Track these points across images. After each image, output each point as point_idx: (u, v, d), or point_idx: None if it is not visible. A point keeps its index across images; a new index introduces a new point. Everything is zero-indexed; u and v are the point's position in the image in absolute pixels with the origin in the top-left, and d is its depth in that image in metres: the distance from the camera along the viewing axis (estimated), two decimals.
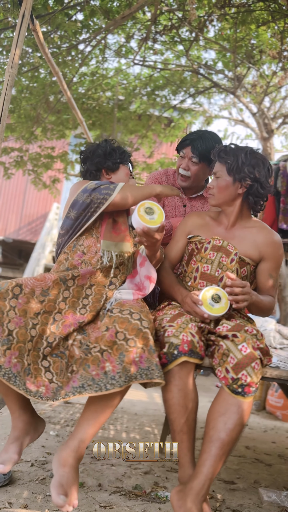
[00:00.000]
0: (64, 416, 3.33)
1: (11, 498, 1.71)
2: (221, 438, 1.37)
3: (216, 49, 4.97)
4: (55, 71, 2.68)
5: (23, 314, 1.44)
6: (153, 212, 1.58)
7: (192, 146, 2.06)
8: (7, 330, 1.40)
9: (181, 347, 1.42)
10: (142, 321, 1.42)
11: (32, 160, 5.83)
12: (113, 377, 1.36)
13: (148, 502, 1.82)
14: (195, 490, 1.34)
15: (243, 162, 1.69)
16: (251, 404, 1.42)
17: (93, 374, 1.38)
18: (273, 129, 6.00)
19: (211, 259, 1.69)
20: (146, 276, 1.66)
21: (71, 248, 1.74)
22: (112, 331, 1.41)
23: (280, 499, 1.96)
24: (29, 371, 1.42)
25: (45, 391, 1.41)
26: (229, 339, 1.48)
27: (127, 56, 5.13)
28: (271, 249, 1.75)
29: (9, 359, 1.39)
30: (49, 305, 1.51)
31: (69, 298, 1.57)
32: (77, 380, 1.39)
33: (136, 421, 3.55)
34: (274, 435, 3.80)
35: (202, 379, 7.14)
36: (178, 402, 1.41)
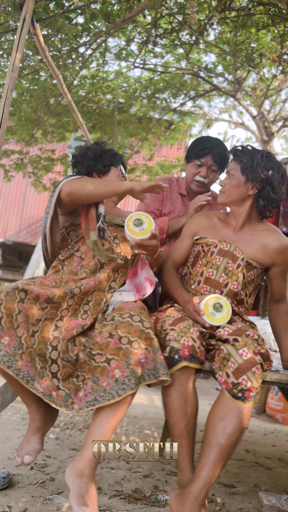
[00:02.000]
0: (64, 419, 3.33)
1: (10, 502, 1.71)
2: (220, 443, 1.37)
3: (216, 53, 4.99)
4: (56, 74, 2.68)
5: (25, 319, 1.44)
6: (142, 222, 1.58)
7: (213, 154, 2.11)
8: (18, 337, 1.41)
9: (182, 352, 1.42)
10: (143, 322, 1.42)
11: (32, 162, 5.84)
12: (123, 382, 1.36)
13: (148, 506, 1.81)
14: (194, 494, 1.34)
15: (258, 163, 1.68)
16: (250, 409, 1.42)
17: (104, 385, 1.38)
18: (273, 132, 6.01)
19: (217, 264, 1.67)
20: (146, 278, 1.67)
21: (66, 255, 1.73)
22: (116, 338, 1.41)
23: (280, 503, 1.96)
24: (43, 374, 1.43)
25: (56, 398, 1.41)
26: (230, 343, 1.48)
27: (127, 59, 5.14)
28: (283, 255, 1.75)
29: (26, 362, 1.40)
30: (51, 312, 1.51)
31: (72, 305, 1.57)
32: (89, 394, 1.39)
33: (135, 424, 3.55)
34: (274, 438, 3.79)
35: (202, 382, 7.13)
36: (178, 407, 1.40)
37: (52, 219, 1.68)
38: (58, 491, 1.88)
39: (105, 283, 1.67)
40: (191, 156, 2.17)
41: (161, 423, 3.56)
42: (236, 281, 1.66)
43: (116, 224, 1.83)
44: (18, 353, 1.39)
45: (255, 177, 1.69)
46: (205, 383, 7.18)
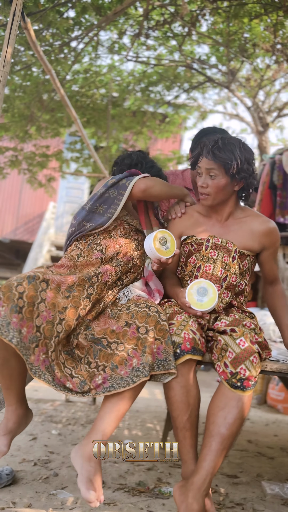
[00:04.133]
0: (66, 415, 3.33)
1: (14, 498, 1.71)
2: (221, 433, 1.37)
3: (209, 44, 4.95)
4: (48, 69, 2.66)
5: (52, 307, 1.44)
6: (166, 241, 1.65)
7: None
8: (35, 326, 1.40)
9: (184, 346, 1.42)
10: (160, 314, 1.47)
11: (27, 159, 5.80)
12: (138, 369, 1.39)
13: (152, 498, 1.82)
14: (197, 485, 1.35)
15: (241, 160, 1.62)
16: (250, 398, 1.42)
17: (122, 373, 1.41)
18: (268, 122, 5.99)
19: (213, 258, 1.66)
20: (156, 290, 1.72)
21: (86, 245, 1.72)
22: (133, 327, 1.45)
23: (283, 492, 1.97)
24: (54, 367, 1.44)
25: (72, 386, 1.43)
26: (227, 334, 1.48)
27: (120, 53, 5.10)
28: (270, 238, 1.75)
29: (37, 357, 1.40)
30: (74, 301, 1.52)
31: (93, 295, 1.59)
32: (107, 381, 1.42)
33: (138, 418, 3.56)
34: (275, 428, 3.81)
35: (203, 375, 7.16)
36: (181, 399, 1.40)
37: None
38: (62, 486, 1.89)
39: (115, 276, 1.67)
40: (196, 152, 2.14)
41: (163, 417, 3.57)
42: (234, 273, 1.65)
43: (140, 230, 1.85)
44: (31, 347, 1.39)
45: (243, 176, 1.65)
46: (206, 375, 7.20)
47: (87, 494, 1.31)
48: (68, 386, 1.42)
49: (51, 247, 8.99)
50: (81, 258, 1.70)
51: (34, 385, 5.20)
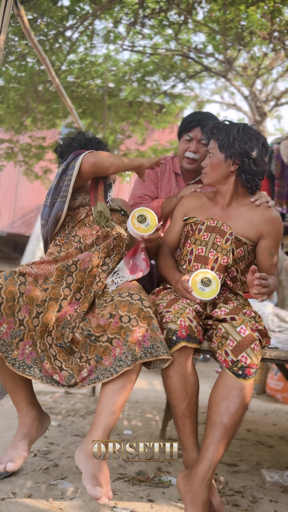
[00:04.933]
0: (66, 407, 3.34)
1: (14, 488, 1.71)
2: (224, 422, 1.37)
3: (206, 32, 4.90)
4: (42, 58, 2.62)
5: (29, 301, 1.44)
6: (145, 218, 1.65)
7: (201, 126, 2.00)
8: (18, 321, 1.40)
9: (179, 333, 1.41)
10: (143, 301, 1.45)
11: (23, 151, 5.75)
12: (120, 359, 1.38)
13: (152, 487, 1.82)
14: (201, 475, 1.35)
15: (235, 138, 1.65)
16: (252, 386, 1.42)
17: (106, 364, 1.41)
18: (265, 112, 5.95)
19: (205, 240, 1.66)
20: (143, 259, 1.72)
21: (64, 240, 1.72)
22: (117, 317, 1.44)
23: (283, 479, 1.98)
24: (44, 357, 1.43)
25: (59, 379, 1.43)
26: (228, 322, 1.47)
27: (115, 42, 5.05)
28: (269, 226, 1.70)
29: (22, 351, 1.39)
30: (53, 292, 1.51)
31: (73, 283, 1.57)
32: (93, 373, 1.42)
33: (137, 409, 3.57)
34: (275, 417, 3.83)
35: (201, 365, 7.19)
36: (179, 387, 1.40)
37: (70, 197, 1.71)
38: (62, 476, 1.89)
39: (100, 260, 1.66)
40: (181, 131, 2.11)
41: (162, 407, 3.59)
42: (226, 255, 1.64)
43: (113, 208, 1.85)
44: (14, 342, 1.38)
45: (233, 152, 1.66)
46: (204, 366, 7.23)
47: (93, 490, 1.29)
48: (55, 378, 1.42)
49: None
50: (62, 253, 1.69)
51: None
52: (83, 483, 1.31)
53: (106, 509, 1.58)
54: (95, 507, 1.59)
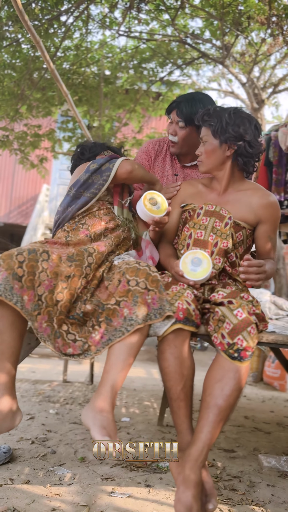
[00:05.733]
0: (64, 395, 3.34)
1: (12, 475, 1.71)
2: (218, 404, 1.36)
3: (203, 17, 4.82)
4: (36, 41, 2.57)
5: (54, 276, 1.45)
6: (157, 201, 1.69)
7: (177, 109, 1.98)
8: (37, 295, 1.42)
9: (176, 315, 1.41)
10: (150, 267, 1.49)
11: (18, 139, 5.69)
12: (130, 318, 1.41)
13: (150, 473, 1.83)
14: (194, 456, 1.34)
15: (227, 123, 1.64)
16: (247, 369, 1.41)
17: (115, 325, 1.43)
18: (263, 99, 5.89)
19: (204, 224, 1.66)
20: (149, 257, 1.75)
21: (72, 227, 1.77)
22: (124, 281, 1.47)
23: (280, 464, 1.99)
24: (59, 334, 1.44)
25: (73, 351, 1.44)
26: (225, 306, 1.46)
27: (111, 27, 4.96)
28: (268, 211, 1.71)
29: (40, 324, 1.41)
30: (77, 270, 1.53)
31: (93, 264, 1.60)
32: (104, 335, 1.44)
33: (135, 396, 3.58)
34: (272, 404, 3.85)
35: (199, 354, 7.22)
36: (175, 370, 1.39)
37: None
38: (60, 463, 1.89)
39: (110, 248, 1.70)
40: (166, 112, 2.09)
41: (160, 395, 3.60)
42: (226, 239, 1.64)
43: None
44: (33, 314, 1.40)
45: (228, 137, 1.65)
46: (202, 355, 7.26)
47: (102, 439, 1.26)
48: (69, 352, 1.43)
49: (46, 230, 8.93)
50: (69, 238, 1.73)
51: (32, 366, 5.22)
52: (92, 434, 1.29)
53: (103, 493, 1.59)
54: (93, 492, 1.60)
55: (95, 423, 1.29)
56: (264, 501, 1.65)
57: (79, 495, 1.57)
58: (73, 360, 1.46)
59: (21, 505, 1.45)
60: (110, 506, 1.48)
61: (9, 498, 1.50)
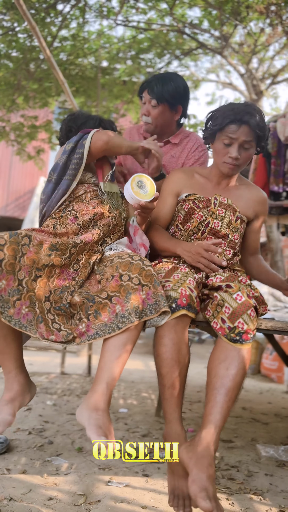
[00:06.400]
0: (61, 387, 3.34)
1: (9, 465, 1.70)
2: (225, 384, 1.33)
3: (201, 6, 4.77)
4: (32, 26, 2.52)
5: (30, 263, 1.41)
6: (144, 184, 1.63)
7: (148, 88, 1.96)
8: (17, 280, 1.37)
9: (180, 301, 1.39)
10: (143, 261, 1.43)
11: (15, 130, 5.64)
12: (122, 315, 1.37)
13: (147, 463, 1.82)
14: (206, 439, 1.28)
15: (264, 131, 1.64)
16: (250, 351, 1.39)
17: (105, 320, 1.39)
18: (262, 90, 5.85)
19: (221, 215, 1.69)
20: (140, 244, 1.70)
21: (60, 214, 1.71)
22: (117, 276, 1.42)
23: (278, 454, 1.98)
24: (41, 319, 1.40)
25: (56, 338, 1.40)
26: (223, 290, 1.44)
27: (109, 17, 4.90)
28: (263, 206, 1.79)
29: (18, 310, 1.36)
30: (56, 260, 1.50)
31: (74, 254, 1.57)
32: (91, 329, 1.40)
33: (133, 388, 3.57)
34: (270, 396, 3.85)
35: (197, 347, 7.22)
36: (171, 357, 1.37)
37: None
38: (57, 453, 1.88)
39: (100, 238, 1.65)
40: (138, 93, 2.07)
41: (157, 386, 3.59)
42: (236, 232, 1.69)
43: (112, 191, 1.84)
44: (11, 300, 1.36)
45: (263, 147, 1.71)
46: (200, 348, 7.26)
47: (98, 439, 1.22)
48: (51, 338, 1.40)
49: None
50: (58, 226, 1.67)
51: (29, 359, 5.21)
52: (88, 434, 1.25)
53: (101, 483, 1.58)
54: (90, 481, 1.59)
55: (90, 422, 1.26)
56: (262, 490, 1.65)
57: (76, 484, 1.56)
58: (54, 344, 1.41)
59: (17, 495, 1.44)
60: (107, 495, 1.47)
61: (6, 488, 1.48)
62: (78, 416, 1.31)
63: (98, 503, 1.43)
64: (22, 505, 1.38)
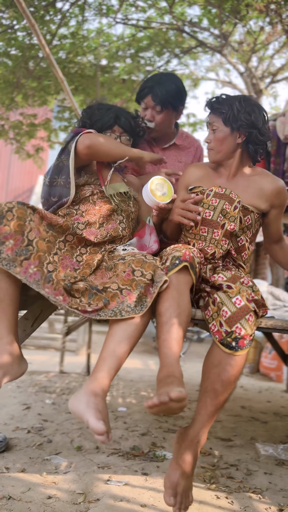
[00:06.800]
0: (60, 386, 3.33)
1: (8, 463, 1.70)
2: (215, 389, 1.37)
3: (201, 4, 4.76)
4: (31, 24, 2.52)
5: (37, 230, 1.43)
6: (163, 187, 1.68)
7: (152, 94, 1.93)
8: (26, 240, 1.37)
9: (183, 257, 1.41)
10: (157, 260, 1.45)
11: (14, 128, 5.62)
12: (129, 305, 1.37)
13: (146, 461, 1.82)
14: (189, 436, 1.37)
15: (239, 110, 1.64)
16: (244, 356, 1.39)
17: (111, 307, 1.39)
18: (261, 89, 5.84)
19: (214, 205, 1.66)
20: (155, 241, 1.73)
21: (65, 212, 1.68)
22: (129, 270, 1.42)
23: (277, 452, 1.98)
24: (51, 278, 1.39)
25: (63, 300, 1.39)
26: (223, 291, 1.44)
27: (108, 15, 4.89)
28: (280, 196, 1.74)
29: (25, 269, 1.35)
30: (52, 237, 1.50)
31: (70, 242, 1.58)
32: (97, 310, 1.39)
33: (132, 387, 3.57)
34: (269, 395, 3.85)
35: (196, 346, 7.22)
36: (170, 305, 1.36)
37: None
38: (56, 452, 1.88)
39: (99, 239, 1.63)
40: (137, 98, 2.04)
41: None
42: (233, 222, 1.64)
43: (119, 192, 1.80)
44: (18, 259, 1.35)
45: (240, 125, 1.65)
46: (199, 346, 7.27)
47: (96, 424, 1.19)
48: (58, 299, 1.38)
49: None
50: (67, 222, 1.64)
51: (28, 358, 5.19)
52: (86, 418, 1.22)
53: (100, 481, 1.57)
54: (89, 480, 1.58)
55: (90, 405, 1.24)
56: (262, 488, 1.65)
57: (75, 483, 1.56)
58: (61, 306, 1.38)
59: (17, 493, 1.44)
60: (106, 494, 1.47)
61: (5, 486, 1.48)
62: (72, 403, 1.26)
63: (97, 502, 1.43)
64: (21, 503, 1.38)
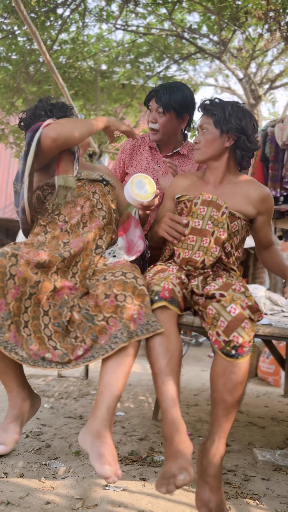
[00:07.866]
0: (58, 390, 3.33)
1: (6, 468, 1.70)
2: (224, 399, 1.39)
3: (200, 11, 4.80)
4: (32, 31, 2.54)
5: (22, 283, 1.39)
6: (143, 184, 1.65)
7: (156, 97, 2.00)
8: (6, 304, 1.36)
9: (162, 294, 1.43)
10: (137, 279, 1.43)
11: (14, 132, 5.65)
12: (115, 336, 1.36)
13: (144, 467, 1.82)
14: (209, 451, 1.39)
15: (230, 114, 1.68)
16: (248, 363, 1.41)
17: (102, 343, 1.39)
18: (260, 95, 5.88)
19: (202, 214, 1.66)
20: (139, 236, 1.70)
21: (48, 220, 1.66)
22: (112, 296, 1.41)
23: (275, 458, 1.99)
24: (31, 340, 1.38)
25: (52, 357, 1.39)
26: (217, 300, 1.45)
27: (108, 21, 4.93)
28: (266, 203, 1.77)
29: (14, 333, 1.36)
30: (44, 276, 1.49)
31: (62, 268, 1.55)
32: (88, 351, 1.40)
33: (130, 391, 3.58)
34: (266, 400, 3.86)
35: (194, 350, 7.23)
36: (159, 344, 1.37)
37: (30, 184, 1.58)
38: (54, 456, 1.88)
39: (92, 243, 1.63)
40: (145, 102, 2.11)
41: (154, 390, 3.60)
42: (222, 228, 1.66)
43: (94, 179, 1.78)
44: (6, 324, 1.34)
45: (230, 128, 1.68)
46: (197, 350, 7.27)
47: (102, 469, 1.23)
48: (47, 356, 1.38)
49: None
50: (49, 233, 1.63)
51: None
52: (91, 463, 1.27)
53: (98, 487, 1.58)
54: (88, 485, 1.59)
55: (93, 449, 1.27)
56: (259, 494, 1.65)
57: (74, 488, 1.56)
58: (50, 370, 1.39)
59: (15, 498, 1.44)
60: (104, 499, 1.48)
61: (3, 492, 1.48)
62: (80, 441, 1.33)
63: (96, 508, 1.44)
64: (19, 509, 1.38)
